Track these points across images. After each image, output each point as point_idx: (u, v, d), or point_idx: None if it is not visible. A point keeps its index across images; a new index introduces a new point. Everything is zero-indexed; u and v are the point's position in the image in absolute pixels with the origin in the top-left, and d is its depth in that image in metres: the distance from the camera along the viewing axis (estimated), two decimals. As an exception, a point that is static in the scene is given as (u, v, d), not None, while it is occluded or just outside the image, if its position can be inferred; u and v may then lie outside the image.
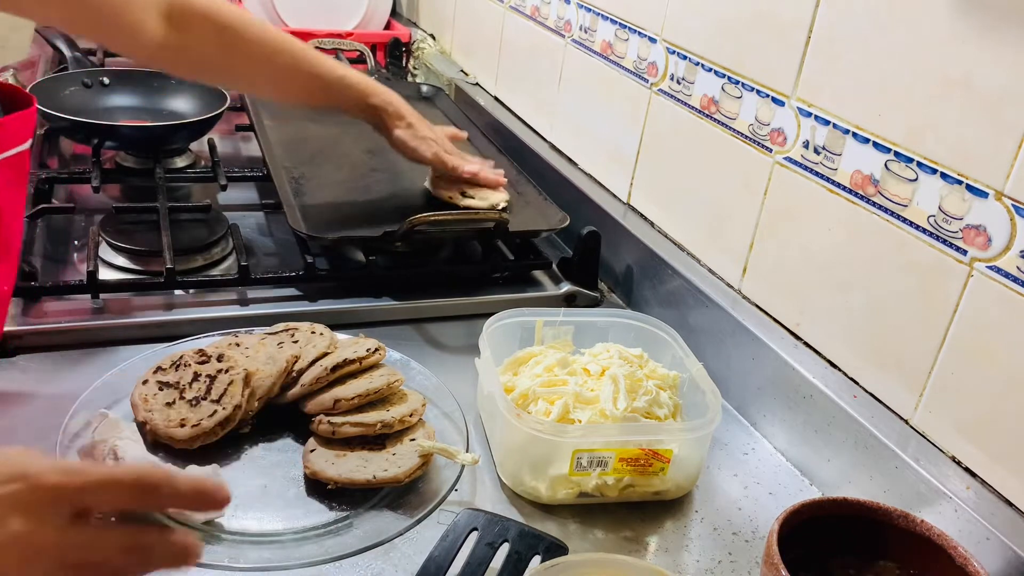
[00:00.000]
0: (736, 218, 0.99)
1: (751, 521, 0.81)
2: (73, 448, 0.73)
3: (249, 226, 1.18)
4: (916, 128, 0.77)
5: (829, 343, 0.88)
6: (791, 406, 0.88)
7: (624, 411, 0.80)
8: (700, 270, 1.04)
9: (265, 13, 1.87)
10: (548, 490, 0.78)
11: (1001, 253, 0.70)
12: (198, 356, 0.84)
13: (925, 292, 0.77)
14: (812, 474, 0.86)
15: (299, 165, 1.24)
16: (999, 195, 0.70)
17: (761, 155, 0.95)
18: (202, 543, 0.54)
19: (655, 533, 0.78)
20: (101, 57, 1.63)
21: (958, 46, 0.73)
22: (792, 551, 0.62)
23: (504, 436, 0.80)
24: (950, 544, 0.64)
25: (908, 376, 0.79)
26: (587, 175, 1.30)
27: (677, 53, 1.08)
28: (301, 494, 0.76)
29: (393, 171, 1.26)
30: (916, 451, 0.76)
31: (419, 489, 0.78)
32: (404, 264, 1.10)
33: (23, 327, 0.90)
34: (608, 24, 1.22)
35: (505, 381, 0.86)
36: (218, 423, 0.78)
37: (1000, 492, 0.72)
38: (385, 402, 0.82)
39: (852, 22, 0.83)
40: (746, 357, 0.94)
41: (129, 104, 1.40)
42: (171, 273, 0.98)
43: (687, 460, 0.80)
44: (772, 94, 0.92)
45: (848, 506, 0.67)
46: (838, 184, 0.85)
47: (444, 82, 1.73)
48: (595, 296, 1.13)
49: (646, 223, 1.15)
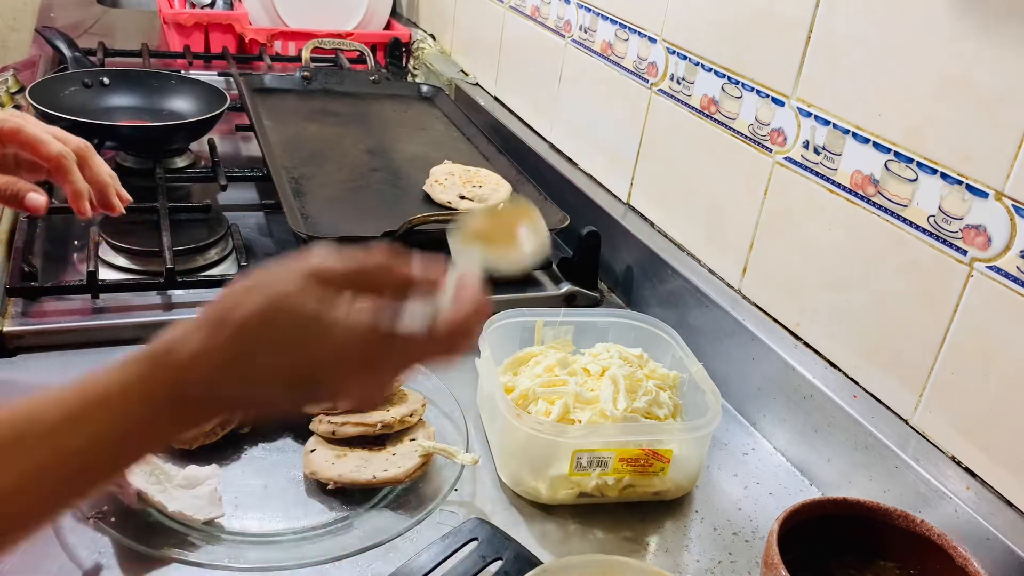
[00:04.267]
0: (736, 218, 0.99)
1: (751, 521, 0.81)
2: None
3: (249, 226, 1.17)
4: (916, 128, 0.77)
5: (829, 343, 0.88)
6: (791, 406, 0.88)
7: (624, 411, 0.80)
8: (700, 270, 1.04)
9: (265, 13, 1.87)
10: (548, 490, 0.78)
11: (1001, 253, 0.70)
12: (198, 356, 0.84)
13: (925, 292, 0.77)
14: (812, 474, 0.86)
15: (299, 165, 1.24)
16: (999, 195, 0.70)
17: (761, 155, 0.95)
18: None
19: (655, 533, 0.78)
20: (101, 57, 1.63)
21: (958, 45, 0.73)
22: (792, 551, 0.62)
23: (504, 436, 0.80)
24: (950, 544, 0.64)
25: (908, 376, 0.79)
26: (587, 175, 1.30)
27: (677, 53, 1.08)
28: (301, 494, 0.76)
29: (393, 171, 1.26)
30: (916, 451, 0.76)
31: (419, 489, 0.78)
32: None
33: (23, 327, 0.90)
34: (608, 24, 1.22)
35: (505, 381, 0.86)
36: (218, 423, 0.78)
37: (1000, 492, 0.72)
38: (385, 402, 0.82)
39: (852, 22, 0.83)
40: (746, 357, 0.93)
41: (129, 104, 1.40)
42: (171, 273, 0.98)
43: (687, 460, 0.80)
44: (772, 94, 0.92)
45: (848, 506, 0.67)
46: (838, 184, 0.85)
47: (444, 82, 1.73)
48: (595, 296, 1.13)
49: (646, 223, 1.15)
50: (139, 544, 0.67)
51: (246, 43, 1.84)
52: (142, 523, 0.69)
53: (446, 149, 1.37)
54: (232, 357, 0.47)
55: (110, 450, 0.47)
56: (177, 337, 0.48)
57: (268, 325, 0.47)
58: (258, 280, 0.48)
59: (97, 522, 0.68)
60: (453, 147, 1.39)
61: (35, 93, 1.27)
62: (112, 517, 0.69)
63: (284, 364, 0.47)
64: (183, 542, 0.69)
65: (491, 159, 1.35)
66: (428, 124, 1.49)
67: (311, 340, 0.47)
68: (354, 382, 0.49)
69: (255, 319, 0.47)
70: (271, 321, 0.47)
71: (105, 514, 0.69)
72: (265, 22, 1.88)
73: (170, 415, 0.47)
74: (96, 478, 0.49)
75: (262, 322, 0.47)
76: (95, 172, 0.82)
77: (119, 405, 0.47)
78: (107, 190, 0.82)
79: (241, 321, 0.47)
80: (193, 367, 0.47)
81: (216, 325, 0.47)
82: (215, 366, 0.47)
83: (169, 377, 0.47)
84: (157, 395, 0.47)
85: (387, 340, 0.48)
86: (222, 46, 1.81)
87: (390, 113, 1.51)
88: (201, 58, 1.76)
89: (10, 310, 0.92)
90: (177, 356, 0.47)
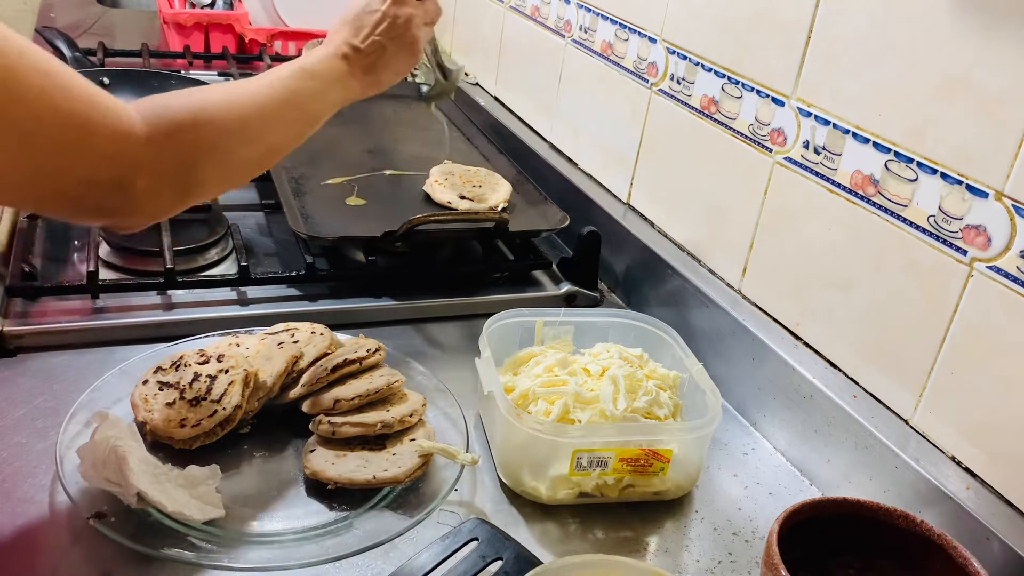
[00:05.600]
0: (736, 218, 0.99)
1: (751, 521, 0.81)
2: (73, 448, 0.73)
3: (249, 226, 1.18)
4: (916, 128, 0.77)
5: (829, 343, 0.88)
6: (791, 406, 0.88)
7: (624, 411, 0.80)
8: (700, 270, 1.04)
9: (265, 13, 1.87)
10: (548, 490, 0.78)
11: (1001, 253, 0.70)
12: (198, 356, 0.84)
13: (925, 292, 0.77)
14: (812, 474, 0.86)
15: (299, 165, 1.24)
16: (999, 195, 0.70)
17: (761, 155, 0.95)
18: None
19: (655, 533, 0.78)
20: (101, 57, 1.63)
21: (958, 46, 0.73)
22: (792, 551, 0.62)
23: (504, 436, 0.80)
24: (950, 544, 0.64)
25: (908, 376, 0.79)
26: (587, 175, 1.30)
27: (677, 53, 1.08)
28: (301, 494, 0.76)
29: (393, 171, 1.27)
30: (916, 451, 0.76)
31: (419, 489, 0.78)
32: (404, 264, 1.10)
33: (23, 327, 0.90)
34: (608, 24, 1.22)
35: (505, 381, 0.86)
36: (218, 423, 0.78)
37: (1000, 492, 0.72)
38: (385, 402, 0.82)
39: (852, 22, 0.83)
40: (746, 357, 0.94)
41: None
42: (171, 273, 0.98)
43: (687, 460, 0.80)
44: (772, 94, 0.92)
45: (848, 506, 0.67)
46: (838, 184, 0.85)
47: (444, 82, 1.73)
48: (595, 296, 1.13)
49: (646, 223, 1.15)
50: (139, 544, 0.67)
51: (246, 43, 1.84)
52: (142, 523, 0.69)
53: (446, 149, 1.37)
54: (355, 30, 0.85)
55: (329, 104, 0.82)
56: (334, 42, 0.84)
57: (353, 6, 0.86)
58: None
59: (97, 522, 0.68)
60: (453, 147, 1.39)
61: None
62: (112, 517, 0.69)
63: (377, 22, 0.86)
64: (183, 542, 0.69)
65: (491, 159, 1.35)
66: (428, 124, 1.49)
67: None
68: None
69: (349, 11, 0.86)
70: (353, 5, 0.86)
71: (105, 514, 0.69)
72: (265, 22, 1.88)
73: (359, 78, 0.85)
74: (319, 119, 0.81)
75: (352, 9, 0.86)
76: None
77: (333, 81, 0.82)
78: None
79: (345, 15, 0.86)
80: (348, 44, 0.84)
81: (340, 25, 0.86)
82: (353, 36, 0.84)
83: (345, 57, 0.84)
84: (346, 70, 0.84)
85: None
86: (222, 46, 1.81)
87: (390, 113, 1.51)
88: (201, 58, 1.76)
89: (10, 310, 0.92)
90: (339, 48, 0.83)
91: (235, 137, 0.71)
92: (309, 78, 0.79)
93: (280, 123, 0.76)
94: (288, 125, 0.77)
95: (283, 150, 0.78)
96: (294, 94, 0.77)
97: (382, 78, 0.88)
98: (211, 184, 0.72)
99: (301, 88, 0.78)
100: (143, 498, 0.68)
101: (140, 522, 0.69)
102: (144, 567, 0.67)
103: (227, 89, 0.72)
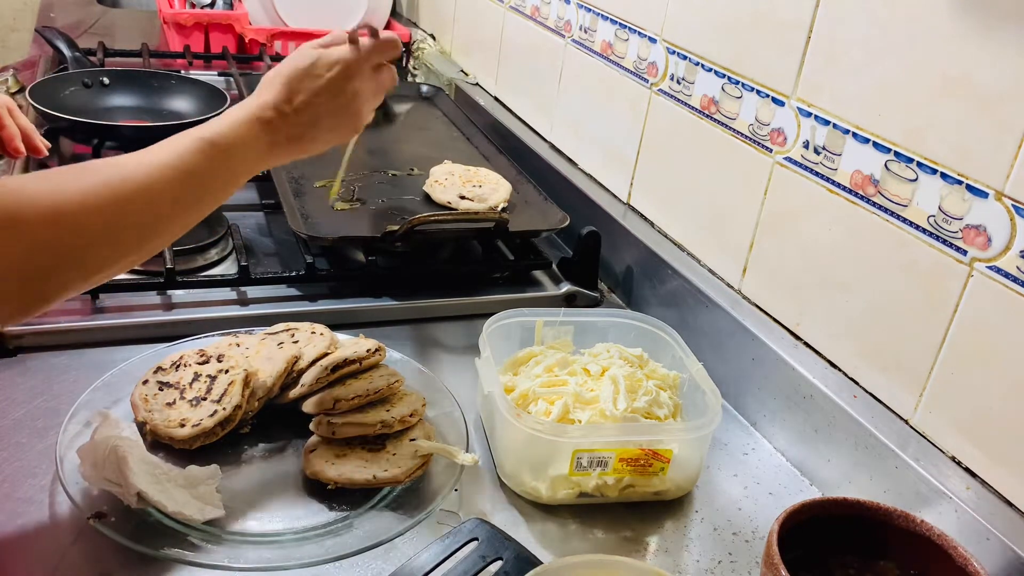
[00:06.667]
0: (736, 218, 0.99)
1: (751, 521, 0.81)
2: (73, 448, 0.73)
3: (249, 226, 1.18)
4: (916, 128, 0.77)
5: (829, 343, 0.88)
6: (791, 406, 0.88)
7: (624, 411, 0.80)
8: (700, 270, 1.04)
9: (265, 13, 1.87)
10: (548, 490, 0.78)
11: (1001, 253, 0.70)
12: (198, 356, 0.84)
13: (925, 292, 0.77)
14: (812, 474, 0.86)
15: (299, 165, 1.23)
16: (999, 195, 0.70)
17: (761, 155, 0.95)
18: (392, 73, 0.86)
19: (655, 533, 0.78)
20: (101, 57, 1.63)
21: (958, 46, 0.73)
22: (792, 551, 0.62)
23: (504, 436, 0.80)
24: (950, 544, 0.64)
25: (908, 376, 0.79)
26: (587, 175, 1.30)
27: (677, 53, 1.08)
28: (301, 494, 0.76)
29: (393, 171, 1.26)
30: (916, 451, 0.76)
31: (419, 489, 0.78)
32: (404, 264, 1.10)
33: (23, 327, 0.89)
34: (608, 24, 1.22)
35: (505, 381, 0.86)
36: (218, 423, 0.78)
37: (1000, 492, 0.72)
38: (385, 402, 0.82)
39: (852, 22, 0.83)
40: (746, 357, 0.93)
41: (129, 104, 1.41)
42: (171, 273, 0.98)
43: (687, 460, 0.80)
44: (772, 94, 0.92)
45: (848, 506, 0.67)
46: (838, 184, 0.85)
47: (444, 82, 1.73)
48: (595, 296, 1.13)
49: (646, 223, 1.15)
50: (139, 544, 0.67)
51: (246, 43, 1.84)
52: (142, 523, 0.69)
53: (446, 149, 1.37)
54: (288, 94, 0.77)
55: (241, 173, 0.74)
56: (256, 102, 0.76)
57: (292, 65, 0.78)
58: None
59: (97, 522, 0.68)
60: (453, 147, 1.39)
61: (35, 93, 1.27)
62: (112, 517, 0.69)
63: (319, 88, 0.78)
64: (183, 542, 0.69)
65: (491, 159, 1.35)
66: (428, 124, 1.50)
67: (318, 66, 0.78)
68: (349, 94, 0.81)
69: (285, 68, 0.78)
70: (292, 64, 0.78)
71: (105, 514, 0.69)
72: (265, 22, 1.88)
73: (269, 146, 0.76)
74: (229, 190, 0.74)
75: (290, 67, 0.78)
76: (20, 120, 0.98)
77: (245, 151, 0.74)
78: (33, 134, 0.99)
79: (281, 71, 0.78)
80: (276, 109, 0.76)
81: (268, 83, 0.78)
82: (284, 101, 0.77)
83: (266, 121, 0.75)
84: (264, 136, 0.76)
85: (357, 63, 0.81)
86: (222, 46, 1.81)
87: (390, 113, 1.51)
88: (201, 58, 1.76)
89: (10, 310, 0.92)
90: (264, 110, 0.76)
91: (102, 238, 0.62)
92: (212, 152, 0.70)
93: (174, 206, 0.67)
94: (185, 208, 0.69)
95: (183, 228, 0.70)
96: (190, 175, 0.68)
97: (310, 148, 0.80)
98: (78, 285, 0.63)
99: (199, 166, 0.69)
100: (143, 498, 0.68)
101: (140, 522, 0.69)
102: (144, 567, 0.67)
103: (109, 174, 0.63)
